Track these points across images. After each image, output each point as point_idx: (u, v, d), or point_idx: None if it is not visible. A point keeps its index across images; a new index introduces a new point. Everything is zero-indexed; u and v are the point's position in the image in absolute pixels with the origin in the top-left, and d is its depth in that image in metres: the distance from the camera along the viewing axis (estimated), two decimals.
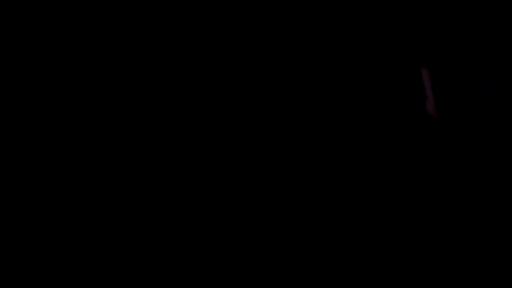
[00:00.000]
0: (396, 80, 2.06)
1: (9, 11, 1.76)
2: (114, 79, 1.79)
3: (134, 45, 1.86)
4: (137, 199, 1.55)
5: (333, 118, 1.90)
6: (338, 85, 2.01)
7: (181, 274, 1.45)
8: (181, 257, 1.47)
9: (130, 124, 1.71)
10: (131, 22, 1.87)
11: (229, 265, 1.48)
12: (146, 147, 1.67)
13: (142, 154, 1.65)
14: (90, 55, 1.80)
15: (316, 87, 1.99)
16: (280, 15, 2.09)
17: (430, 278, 1.58)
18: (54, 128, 1.66)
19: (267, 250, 1.53)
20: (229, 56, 1.92)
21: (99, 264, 1.42)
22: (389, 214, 1.67)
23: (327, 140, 1.82)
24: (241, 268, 1.48)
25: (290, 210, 1.62)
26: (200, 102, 1.81)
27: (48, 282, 1.38)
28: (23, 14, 1.79)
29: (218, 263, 1.48)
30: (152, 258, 1.46)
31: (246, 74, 1.90)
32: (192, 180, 1.62)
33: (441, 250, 1.61)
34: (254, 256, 1.51)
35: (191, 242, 1.50)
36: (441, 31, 2.20)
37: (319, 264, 1.55)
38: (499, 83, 2.01)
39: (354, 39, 2.19)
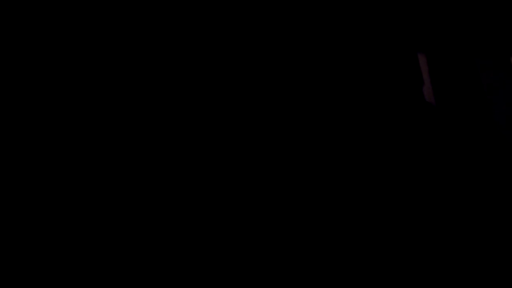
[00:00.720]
0: (393, 66, 2.08)
1: (9, 11, 1.72)
2: (113, 79, 1.78)
3: (134, 45, 1.84)
4: (137, 199, 1.56)
5: (329, 104, 1.92)
6: (334, 71, 2.02)
7: (181, 274, 1.48)
8: (181, 257, 1.50)
9: (130, 124, 1.71)
10: (131, 22, 1.84)
11: (229, 265, 1.51)
12: (146, 147, 1.68)
13: (142, 154, 1.66)
14: (90, 55, 1.78)
15: (311, 74, 2.00)
16: (270, 5, 2.07)
17: (420, 272, 1.65)
18: (54, 128, 1.65)
19: (266, 251, 1.57)
20: (215, 59, 1.92)
21: (99, 264, 1.44)
22: (385, 201, 1.72)
23: (322, 127, 1.85)
24: (240, 268, 1.52)
25: (280, 202, 1.66)
26: (199, 102, 1.81)
27: (48, 282, 1.40)
28: (23, 14, 1.75)
29: (218, 263, 1.51)
30: (152, 258, 1.48)
31: (232, 70, 1.90)
32: (191, 180, 1.64)
33: (437, 242, 1.67)
34: (254, 256, 1.55)
35: (191, 242, 1.53)
36: (438, 16, 2.21)
37: (313, 263, 1.60)
38: (497, 68, 2.05)
39: (349, 25, 2.19)
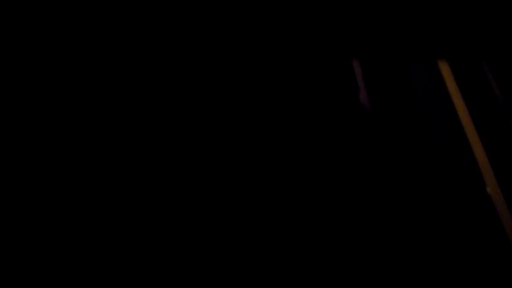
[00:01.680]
0: (328, 72, 2.13)
1: (9, 11, 1.66)
2: (114, 79, 1.73)
3: (134, 45, 1.78)
4: (136, 199, 1.53)
5: (265, 110, 1.92)
6: (269, 79, 2.03)
7: (181, 274, 1.46)
8: (181, 257, 1.48)
9: (130, 124, 1.66)
10: (131, 22, 1.80)
11: (228, 265, 1.50)
12: (146, 147, 1.64)
13: (142, 154, 1.62)
14: (90, 55, 1.77)
15: (248, 79, 1.99)
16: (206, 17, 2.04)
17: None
18: (54, 128, 1.63)
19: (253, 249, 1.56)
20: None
21: (99, 264, 1.41)
22: (318, 207, 1.76)
23: (261, 132, 1.85)
24: (240, 268, 1.51)
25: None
26: (196, 104, 1.77)
27: (48, 282, 1.35)
28: (23, 14, 1.76)
29: (218, 263, 1.49)
30: (151, 258, 1.45)
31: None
32: (190, 180, 1.60)
33: (368, 247, 1.75)
34: (250, 256, 1.54)
35: (191, 242, 1.50)
36: (370, 23, 2.29)
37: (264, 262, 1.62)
38: (426, 71, 2.17)
39: (285, 33, 2.20)
